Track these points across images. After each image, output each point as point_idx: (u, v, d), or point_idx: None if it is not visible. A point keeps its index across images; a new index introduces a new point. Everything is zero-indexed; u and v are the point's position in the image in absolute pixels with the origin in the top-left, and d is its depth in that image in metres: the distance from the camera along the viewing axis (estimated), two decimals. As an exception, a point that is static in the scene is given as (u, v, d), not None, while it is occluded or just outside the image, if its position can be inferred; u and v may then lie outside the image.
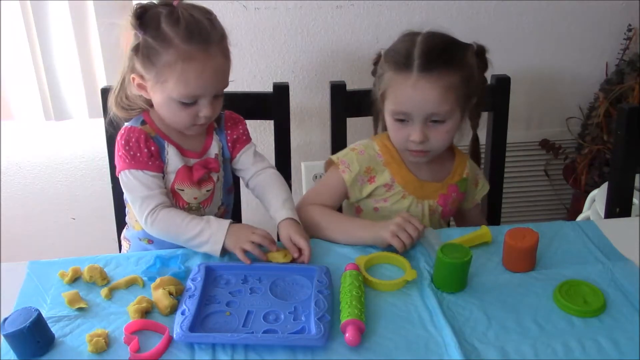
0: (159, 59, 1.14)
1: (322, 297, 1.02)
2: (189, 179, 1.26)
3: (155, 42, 1.14)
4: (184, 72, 1.14)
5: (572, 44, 1.98)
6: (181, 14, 1.14)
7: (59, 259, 1.16)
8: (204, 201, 1.30)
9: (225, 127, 1.33)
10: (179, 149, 1.26)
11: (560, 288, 1.05)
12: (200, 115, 1.20)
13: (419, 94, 1.20)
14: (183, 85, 1.15)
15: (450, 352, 0.93)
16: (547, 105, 2.08)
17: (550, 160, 2.14)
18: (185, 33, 1.13)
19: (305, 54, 1.88)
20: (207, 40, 1.14)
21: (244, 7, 1.79)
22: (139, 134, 1.21)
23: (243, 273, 1.11)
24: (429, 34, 1.24)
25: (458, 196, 1.38)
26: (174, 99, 1.17)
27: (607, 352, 0.94)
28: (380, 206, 1.33)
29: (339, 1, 1.83)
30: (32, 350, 0.93)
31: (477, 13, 1.89)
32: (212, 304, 1.03)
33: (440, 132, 1.24)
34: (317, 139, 1.99)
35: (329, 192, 1.34)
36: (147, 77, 1.18)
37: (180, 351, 0.95)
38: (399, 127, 1.26)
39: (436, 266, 1.08)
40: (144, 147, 1.21)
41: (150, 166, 1.21)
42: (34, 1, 1.69)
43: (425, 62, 1.19)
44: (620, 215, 1.47)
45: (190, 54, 1.13)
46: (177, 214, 1.18)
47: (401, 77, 1.21)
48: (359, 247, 1.19)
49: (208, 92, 1.18)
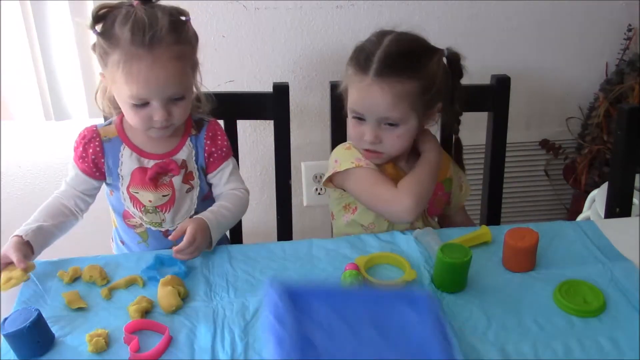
0: (108, 59, 1.14)
1: (447, 342, 0.78)
2: (142, 180, 1.25)
3: (105, 42, 1.14)
4: (129, 73, 1.12)
5: (572, 44, 1.98)
6: (135, 14, 1.12)
7: (58, 259, 1.16)
8: (161, 206, 1.28)
9: (205, 138, 1.29)
10: (138, 150, 1.25)
11: (560, 288, 1.05)
12: (155, 119, 1.18)
13: (371, 98, 1.21)
14: (128, 86, 1.13)
15: (450, 352, 0.93)
16: (547, 105, 2.07)
17: (550, 160, 2.14)
18: (130, 33, 1.11)
19: (305, 54, 1.88)
20: (154, 41, 1.11)
21: (244, 7, 1.79)
22: (91, 136, 1.25)
23: (335, 301, 0.82)
24: (396, 37, 1.24)
25: (443, 196, 1.38)
26: (125, 100, 1.17)
27: (607, 352, 0.94)
28: None
29: (339, 1, 1.82)
30: (32, 350, 0.93)
31: (476, 13, 1.89)
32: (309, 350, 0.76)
33: (392, 136, 1.25)
34: (317, 139, 1.99)
35: (382, 178, 1.27)
36: (105, 75, 1.19)
37: (180, 351, 0.95)
38: (355, 124, 1.27)
39: (436, 266, 1.08)
40: (88, 148, 1.24)
41: (79, 164, 1.26)
42: (34, 1, 1.69)
43: (381, 67, 1.20)
44: (620, 215, 1.47)
45: (133, 54, 1.11)
46: (47, 202, 1.24)
47: (358, 78, 1.23)
48: (359, 247, 1.19)
49: (156, 95, 1.15)
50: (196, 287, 1.09)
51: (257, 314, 1.02)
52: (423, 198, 1.24)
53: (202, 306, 1.04)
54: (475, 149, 1.88)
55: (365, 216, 1.33)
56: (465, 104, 1.36)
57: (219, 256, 1.18)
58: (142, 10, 1.12)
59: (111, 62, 1.14)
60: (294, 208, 1.56)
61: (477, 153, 1.78)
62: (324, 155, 1.46)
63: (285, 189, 1.51)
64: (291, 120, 1.50)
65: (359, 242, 1.21)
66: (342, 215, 1.37)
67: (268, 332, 0.75)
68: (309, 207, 2.09)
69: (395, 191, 1.23)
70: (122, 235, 1.37)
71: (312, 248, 1.19)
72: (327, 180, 1.34)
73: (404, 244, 1.20)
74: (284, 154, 1.51)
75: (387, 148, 1.27)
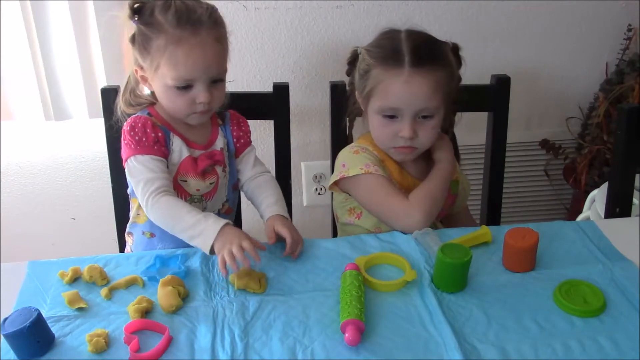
0: (151, 44, 1.18)
1: None
2: (194, 170, 1.27)
3: (147, 29, 1.18)
4: (173, 54, 1.17)
5: (572, 44, 1.98)
6: (174, 3, 1.18)
7: (59, 259, 1.16)
8: (207, 194, 1.30)
9: (231, 124, 1.35)
10: (184, 139, 1.27)
11: (560, 288, 1.05)
12: (197, 102, 1.21)
13: (411, 89, 1.21)
14: (173, 68, 1.17)
15: (450, 352, 0.93)
16: (547, 105, 2.08)
17: (550, 160, 2.14)
18: (174, 18, 1.16)
19: (305, 54, 1.88)
20: (196, 24, 1.17)
21: (244, 7, 1.79)
22: (145, 120, 1.23)
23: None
24: (411, 31, 1.25)
25: (449, 198, 1.37)
26: (169, 85, 1.19)
27: (607, 352, 0.94)
28: None
29: (339, 1, 1.83)
30: (32, 350, 0.93)
31: (476, 13, 1.89)
32: None
33: (427, 128, 1.25)
34: (317, 139, 1.99)
35: (393, 189, 1.26)
36: (145, 66, 1.22)
37: (180, 351, 0.95)
38: (386, 123, 1.25)
39: (436, 266, 1.08)
40: (151, 132, 1.22)
41: (155, 150, 1.22)
42: (34, 1, 1.69)
43: (415, 58, 1.20)
44: (620, 215, 1.47)
45: (179, 37, 1.16)
46: (178, 201, 1.19)
47: (392, 73, 1.22)
48: (359, 247, 1.19)
49: (200, 76, 1.19)
50: (196, 287, 1.09)
51: (257, 314, 1.02)
52: (434, 213, 1.24)
53: (202, 306, 1.04)
54: (475, 149, 1.88)
55: (370, 221, 1.33)
56: (463, 100, 1.35)
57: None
58: (180, 1, 1.19)
59: (155, 48, 1.18)
60: (294, 208, 1.56)
61: (477, 153, 1.78)
62: (324, 155, 1.46)
63: (285, 188, 1.51)
64: (291, 120, 1.50)
65: (359, 242, 1.21)
66: (346, 218, 1.37)
67: None
68: (309, 207, 2.10)
69: (407, 204, 1.22)
70: (154, 227, 1.30)
71: (312, 248, 1.19)
72: (332, 184, 1.33)
73: (404, 244, 1.20)
74: (284, 154, 1.51)
75: (422, 142, 1.26)
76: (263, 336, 0.97)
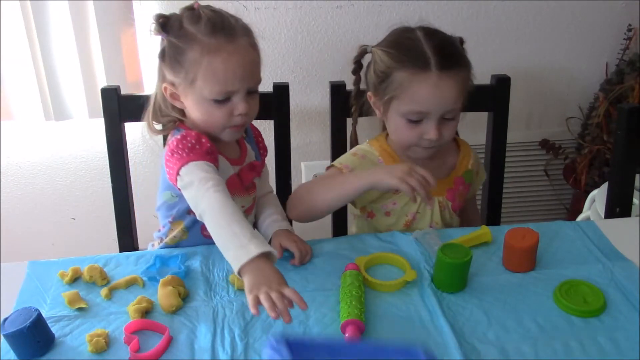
0: (185, 57, 1.11)
1: None
2: (241, 186, 1.22)
3: (179, 41, 1.11)
4: (211, 65, 1.09)
5: (572, 43, 1.98)
6: (202, 12, 1.12)
7: (59, 259, 1.16)
8: (249, 208, 1.28)
9: (255, 136, 1.32)
10: (226, 157, 1.20)
11: (560, 288, 1.05)
12: (235, 114, 1.14)
13: (441, 93, 1.18)
14: (212, 80, 1.10)
15: (450, 352, 0.93)
16: (547, 105, 2.08)
17: (550, 160, 2.14)
18: (207, 27, 1.10)
19: (305, 54, 1.88)
20: (231, 32, 1.11)
21: (244, 7, 1.79)
22: (196, 133, 1.15)
23: (334, 354, 0.77)
24: (426, 29, 1.23)
25: (464, 189, 1.37)
26: (206, 98, 1.12)
27: (607, 352, 0.94)
28: (391, 209, 1.31)
29: (339, 1, 1.83)
30: (32, 350, 0.93)
31: (477, 13, 1.89)
32: None
33: (450, 127, 1.24)
34: (317, 139, 1.99)
35: (328, 179, 1.26)
36: (177, 81, 1.14)
37: (180, 351, 0.95)
38: (411, 127, 1.23)
39: (436, 266, 1.08)
40: (206, 142, 1.14)
41: (209, 158, 1.12)
42: (34, 1, 1.69)
43: (442, 60, 1.17)
44: (620, 215, 1.47)
45: (215, 46, 1.10)
46: (234, 206, 1.05)
47: (420, 78, 1.18)
48: (359, 247, 1.19)
49: (240, 86, 1.12)
50: (196, 287, 1.09)
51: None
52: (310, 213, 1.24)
53: (202, 306, 1.04)
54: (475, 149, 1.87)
55: (383, 221, 1.33)
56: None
57: (219, 256, 1.17)
58: (207, 9, 1.13)
59: (189, 61, 1.10)
60: (294, 208, 1.56)
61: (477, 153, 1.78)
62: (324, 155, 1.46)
63: (285, 189, 1.51)
64: (291, 120, 1.50)
65: (359, 242, 1.21)
66: (360, 217, 1.39)
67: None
68: (309, 207, 2.09)
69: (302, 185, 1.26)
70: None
71: (312, 248, 1.19)
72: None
73: (404, 244, 1.20)
74: (284, 154, 1.51)
75: (445, 141, 1.25)
76: (263, 336, 0.97)
